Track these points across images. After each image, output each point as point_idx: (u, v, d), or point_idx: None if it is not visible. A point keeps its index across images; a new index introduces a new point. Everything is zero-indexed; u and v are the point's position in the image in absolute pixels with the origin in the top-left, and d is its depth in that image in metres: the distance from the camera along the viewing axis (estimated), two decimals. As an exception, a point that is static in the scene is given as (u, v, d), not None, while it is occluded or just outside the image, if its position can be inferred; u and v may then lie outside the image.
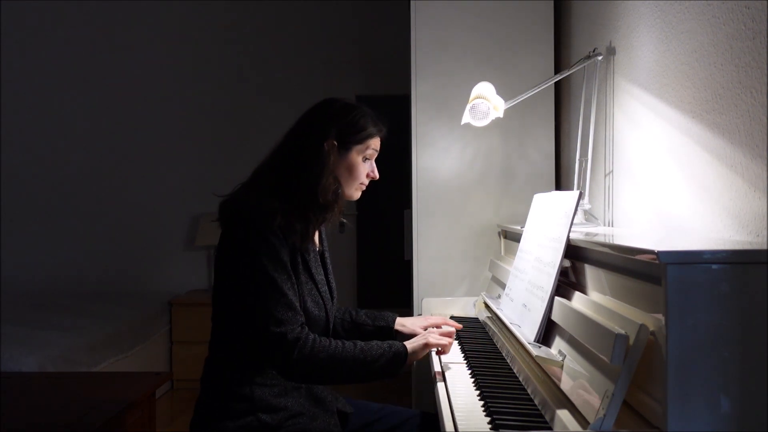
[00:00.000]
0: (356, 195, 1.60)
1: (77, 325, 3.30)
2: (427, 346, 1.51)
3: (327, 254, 1.67)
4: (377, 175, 1.61)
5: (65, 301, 3.93)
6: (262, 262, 1.39)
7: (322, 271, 1.57)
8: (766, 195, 1.13)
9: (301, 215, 1.47)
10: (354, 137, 1.53)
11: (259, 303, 1.38)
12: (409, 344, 1.49)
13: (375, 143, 1.58)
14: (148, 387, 2.13)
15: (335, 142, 1.50)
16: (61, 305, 3.79)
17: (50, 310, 3.63)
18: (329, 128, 1.50)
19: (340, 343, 1.43)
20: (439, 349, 1.56)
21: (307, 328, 1.43)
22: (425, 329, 1.75)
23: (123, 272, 4.52)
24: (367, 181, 1.60)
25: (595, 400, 1.03)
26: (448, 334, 1.59)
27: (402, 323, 1.76)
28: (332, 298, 1.62)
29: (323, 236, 1.67)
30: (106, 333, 3.32)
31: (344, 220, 1.63)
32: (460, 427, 1.16)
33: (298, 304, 1.42)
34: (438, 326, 1.77)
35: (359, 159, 1.55)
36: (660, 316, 0.94)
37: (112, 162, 4.55)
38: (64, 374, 2.61)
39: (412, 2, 2.41)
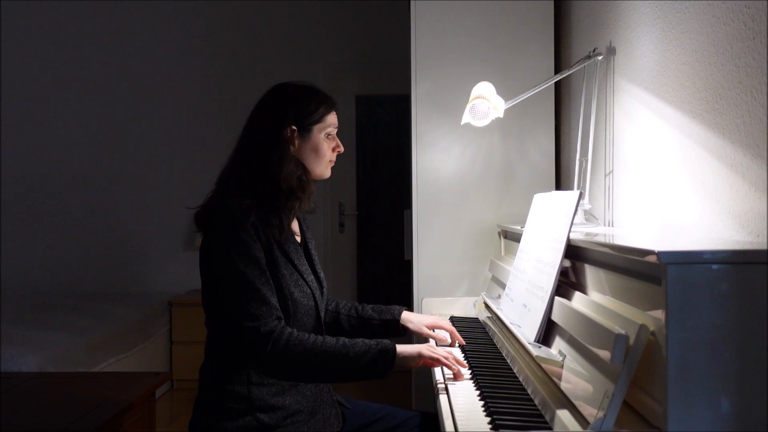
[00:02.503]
0: (327, 173, 1.59)
1: (77, 325, 3.30)
2: (420, 356, 1.42)
3: (311, 245, 1.66)
4: (342, 148, 1.60)
5: (65, 301, 3.93)
6: (232, 258, 1.39)
7: (305, 262, 1.57)
8: (766, 195, 1.13)
9: (273, 207, 1.47)
10: (311, 117, 1.53)
11: (231, 300, 1.38)
12: (401, 345, 1.44)
13: (332, 118, 1.57)
14: (148, 387, 2.13)
15: (294, 127, 1.51)
16: (61, 305, 3.78)
17: (50, 310, 3.63)
18: (285, 115, 1.51)
19: (320, 337, 1.41)
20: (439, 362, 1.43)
21: (283, 322, 1.41)
22: (431, 328, 1.74)
23: (123, 272, 4.51)
24: (334, 157, 1.60)
25: (595, 400, 1.03)
26: (446, 353, 1.44)
27: (409, 318, 1.73)
28: (321, 287, 1.61)
29: (305, 227, 1.67)
30: (106, 333, 3.32)
31: (314, 204, 1.61)
32: (460, 428, 1.16)
33: (273, 300, 1.41)
34: (444, 331, 1.76)
35: (321, 137, 1.55)
36: (660, 316, 0.94)
37: (112, 162, 4.55)
38: (64, 374, 2.60)
39: (412, 2, 2.41)
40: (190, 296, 4.15)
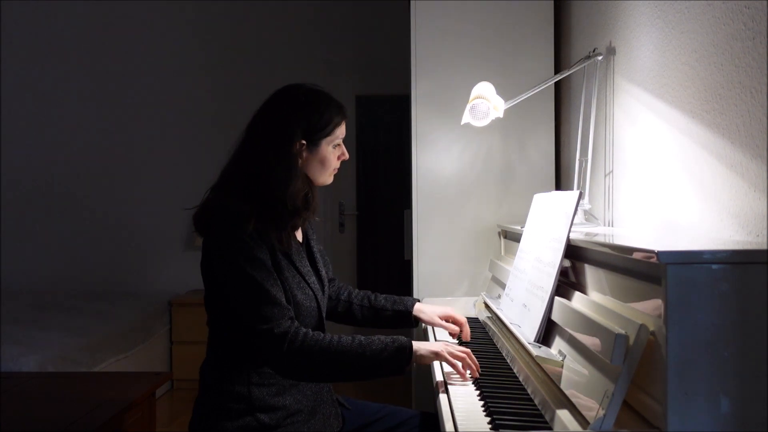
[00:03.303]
0: (330, 180, 1.56)
1: (77, 325, 3.30)
2: (437, 356, 1.42)
3: (313, 244, 1.64)
4: (347, 156, 1.57)
5: (65, 301, 3.93)
6: (239, 263, 1.37)
7: (307, 263, 1.56)
8: (766, 195, 1.13)
9: (275, 223, 1.44)
10: (322, 132, 1.48)
11: (242, 303, 1.37)
12: (417, 342, 1.43)
13: (342, 130, 1.53)
14: (148, 387, 2.13)
15: (304, 141, 1.47)
16: (61, 305, 3.78)
17: (50, 310, 3.63)
18: (295, 128, 1.45)
19: (335, 336, 1.40)
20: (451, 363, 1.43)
21: (297, 322, 1.41)
22: (444, 319, 1.74)
23: (123, 272, 4.51)
24: (339, 164, 1.57)
25: (595, 400, 1.03)
26: (464, 355, 1.43)
27: (421, 309, 1.73)
28: (323, 287, 1.60)
29: (307, 225, 1.64)
30: (106, 333, 3.32)
31: (318, 218, 1.59)
32: (460, 427, 1.16)
33: (283, 300, 1.40)
34: (455, 322, 1.76)
35: (329, 149, 1.51)
36: (660, 316, 0.95)
37: (112, 162, 4.55)
38: (64, 374, 2.60)
39: (412, 2, 2.41)
40: (190, 296, 4.15)
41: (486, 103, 1.99)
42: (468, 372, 1.42)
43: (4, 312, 3.45)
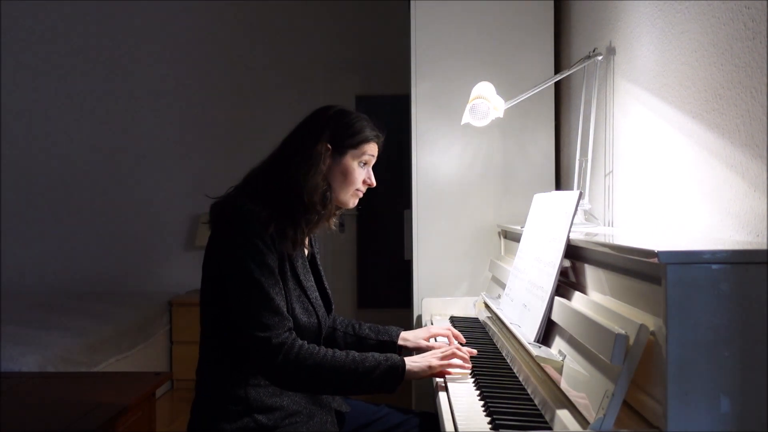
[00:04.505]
0: (352, 202, 1.56)
1: (77, 325, 3.29)
2: (430, 368, 1.43)
3: (318, 258, 1.64)
4: (374, 182, 1.57)
5: (65, 301, 3.93)
6: (247, 265, 1.37)
7: (311, 277, 1.55)
8: (766, 195, 1.13)
9: (292, 220, 1.44)
10: (349, 141, 1.50)
11: (244, 307, 1.37)
12: (410, 360, 1.43)
13: (371, 148, 1.55)
14: (148, 387, 2.13)
15: (329, 146, 1.49)
16: (61, 305, 3.78)
17: (50, 310, 3.63)
18: (323, 131, 1.49)
19: (330, 351, 1.40)
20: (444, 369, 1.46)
21: (294, 333, 1.40)
22: (428, 340, 1.72)
23: (123, 272, 4.51)
24: (363, 188, 1.56)
25: (595, 400, 1.03)
26: (450, 356, 1.47)
27: (405, 337, 1.71)
28: (328, 304, 1.59)
29: (314, 240, 1.65)
30: (106, 333, 3.32)
31: (334, 226, 1.59)
32: (460, 427, 1.16)
33: (285, 309, 1.40)
34: (442, 336, 1.74)
35: (355, 164, 1.52)
36: (660, 316, 0.95)
37: (112, 162, 4.55)
38: (64, 374, 2.61)
39: (412, 2, 2.41)
40: (190, 296, 4.15)
41: (486, 103, 1.99)
42: (465, 368, 1.44)
43: (4, 312, 3.45)
